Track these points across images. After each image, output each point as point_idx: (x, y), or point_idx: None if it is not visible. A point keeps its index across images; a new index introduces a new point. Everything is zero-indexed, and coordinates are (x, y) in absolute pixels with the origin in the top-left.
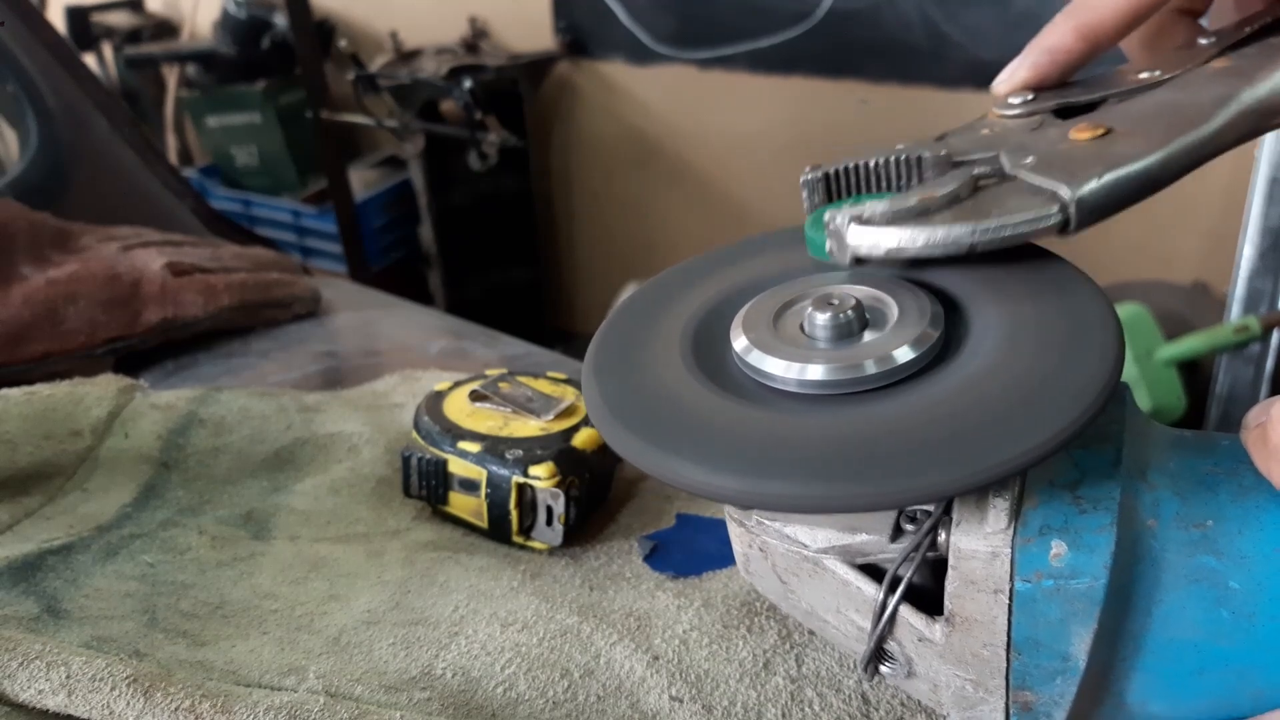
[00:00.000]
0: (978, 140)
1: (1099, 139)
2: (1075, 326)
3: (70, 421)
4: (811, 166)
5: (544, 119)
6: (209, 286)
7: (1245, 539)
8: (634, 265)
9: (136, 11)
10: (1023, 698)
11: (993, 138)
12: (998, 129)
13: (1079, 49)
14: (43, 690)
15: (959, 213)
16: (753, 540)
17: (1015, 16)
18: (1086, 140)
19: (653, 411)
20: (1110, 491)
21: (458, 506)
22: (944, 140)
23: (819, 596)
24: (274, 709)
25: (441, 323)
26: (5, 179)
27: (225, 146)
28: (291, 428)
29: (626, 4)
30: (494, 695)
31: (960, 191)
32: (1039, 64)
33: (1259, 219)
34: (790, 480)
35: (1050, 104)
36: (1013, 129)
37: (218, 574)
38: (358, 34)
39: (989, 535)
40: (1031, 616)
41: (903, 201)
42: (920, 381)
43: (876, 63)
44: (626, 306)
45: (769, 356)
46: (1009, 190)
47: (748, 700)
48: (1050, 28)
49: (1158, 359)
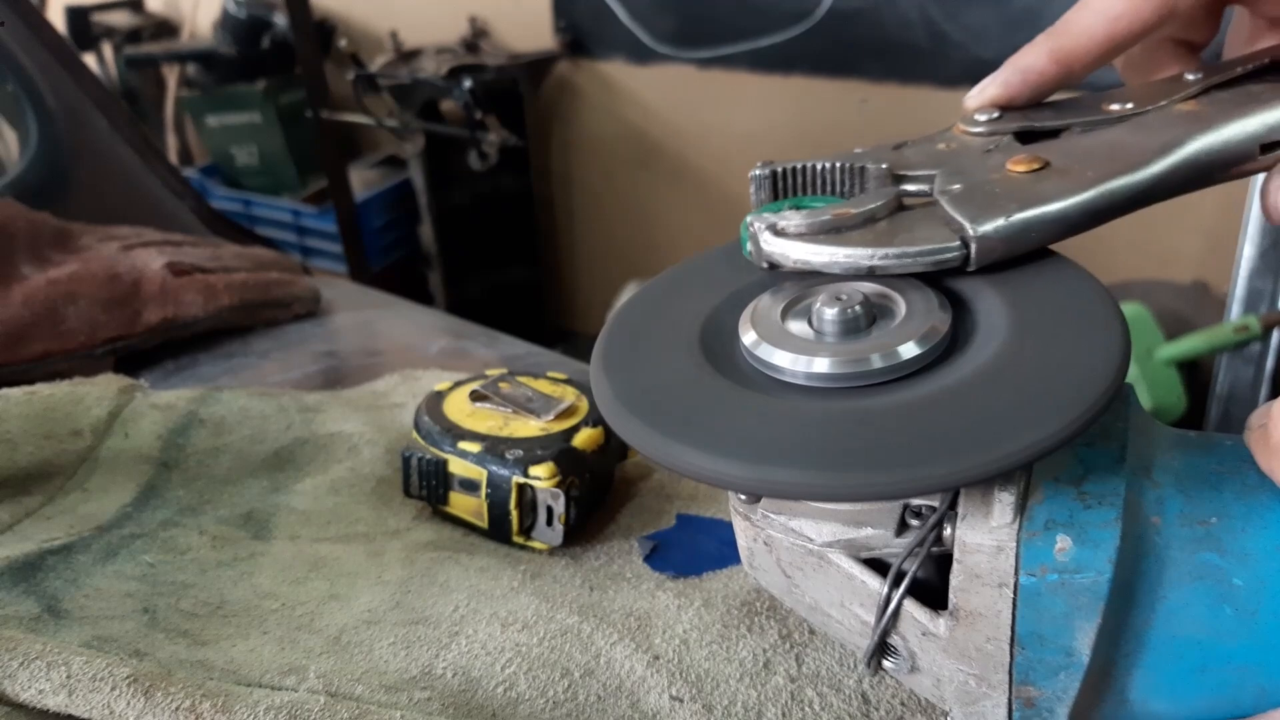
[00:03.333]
0: (930, 154)
1: (1031, 174)
2: (1081, 324)
3: (70, 421)
4: (762, 163)
5: (544, 119)
6: (209, 286)
7: (1249, 536)
8: (634, 265)
9: (136, 11)
10: (1025, 693)
11: (944, 154)
12: (954, 145)
13: (1052, 73)
14: (43, 690)
15: (868, 234)
16: (757, 534)
17: (1015, 16)
18: (1019, 173)
19: (662, 401)
20: (1115, 487)
21: (458, 506)
22: (901, 149)
23: (823, 591)
24: (274, 709)
25: (441, 323)
26: (5, 179)
27: (225, 146)
28: (291, 428)
29: (626, 4)
30: (494, 695)
31: (878, 212)
32: (1010, 83)
33: (1259, 218)
34: (797, 469)
35: (1014, 125)
36: (969, 147)
37: (218, 574)
38: (358, 34)
39: (994, 529)
40: (1036, 611)
41: (818, 215)
42: (927, 376)
43: (876, 62)
44: (634, 301)
45: (778, 350)
46: (923, 217)
47: (748, 700)
48: (1028, 48)
49: (1158, 359)
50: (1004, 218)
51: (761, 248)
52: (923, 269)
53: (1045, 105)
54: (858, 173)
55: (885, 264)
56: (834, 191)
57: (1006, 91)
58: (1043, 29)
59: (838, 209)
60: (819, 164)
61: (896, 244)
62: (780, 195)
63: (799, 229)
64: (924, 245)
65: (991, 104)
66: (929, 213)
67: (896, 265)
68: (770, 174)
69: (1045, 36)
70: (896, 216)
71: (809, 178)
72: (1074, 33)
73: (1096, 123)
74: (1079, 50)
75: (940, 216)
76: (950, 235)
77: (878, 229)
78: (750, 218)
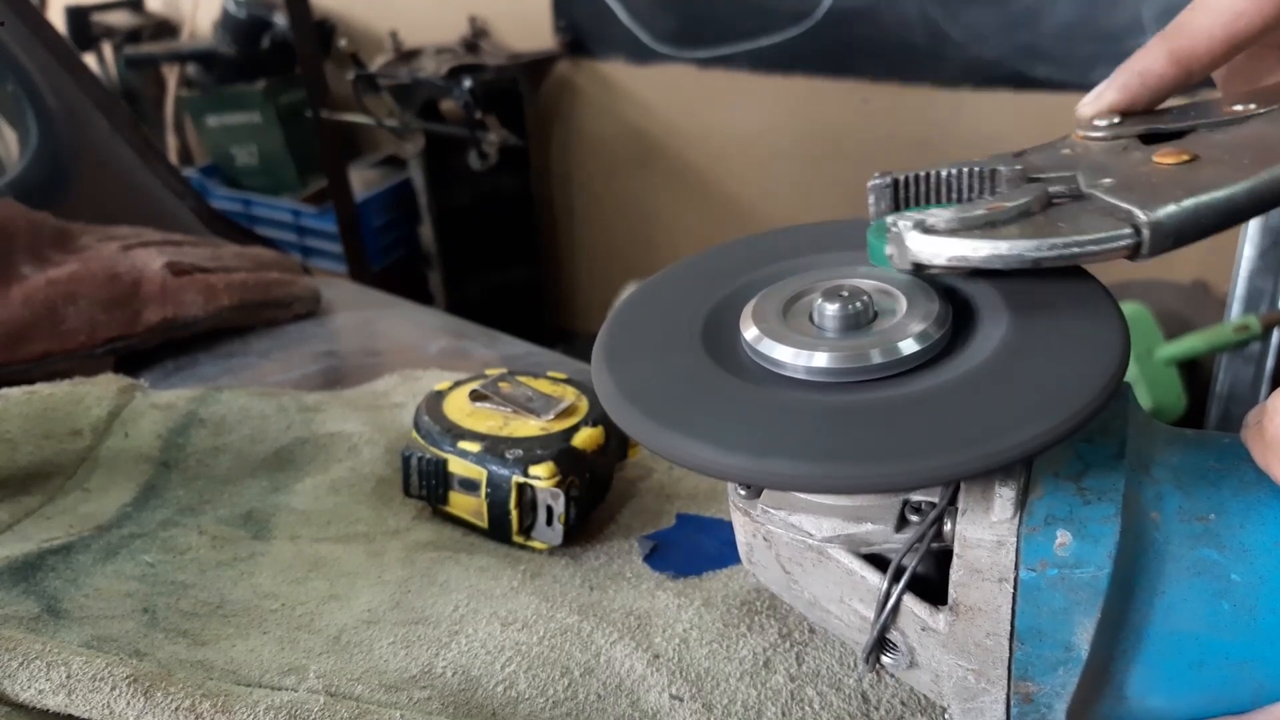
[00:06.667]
0: (1057, 159)
1: (1184, 165)
2: (1081, 321)
3: (70, 421)
4: (880, 173)
5: (544, 119)
6: (209, 286)
7: (1247, 532)
8: (634, 265)
9: (136, 11)
10: (1024, 688)
11: (1073, 158)
12: (1079, 150)
13: (1171, 74)
14: (43, 690)
15: (1027, 227)
16: (757, 529)
17: (1015, 16)
18: (1170, 165)
19: (664, 395)
20: (1114, 483)
21: (458, 506)
22: (1022, 156)
23: (822, 586)
24: (274, 708)
25: (441, 323)
26: (5, 179)
27: (225, 146)
28: (291, 428)
29: (626, 3)
30: (494, 694)
31: (1031, 206)
32: (1129, 86)
33: (1259, 218)
34: (799, 460)
35: (1138, 129)
36: (1095, 150)
37: (218, 574)
38: (358, 33)
39: (994, 524)
40: (1035, 605)
41: (970, 210)
42: (927, 372)
43: (876, 62)
44: (636, 297)
45: (779, 345)
46: (1082, 209)
47: (748, 699)
48: (1143, 51)
49: (1158, 358)
50: (1175, 204)
51: (908, 247)
52: (1092, 260)
53: (1162, 110)
54: (988, 176)
55: (1053, 255)
56: (960, 198)
57: (1126, 95)
58: (1043, 29)
59: (992, 204)
60: (943, 171)
61: (1062, 235)
62: (902, 205)
63: (950, 225)
64: (1094, 234)
65: (1110, 109)
66: (1085, 206)
67: (1064, 257)
68: (891, 183)
69: (1161, 38)
70: (1050, 211)
71: (932, 185)
72: (1192, 33)
73: (1222, 123)
74: (1199, 50)
75: (1100, 208)
76: (1118, 224)
77: (1036, 222)
78: (892, 218)
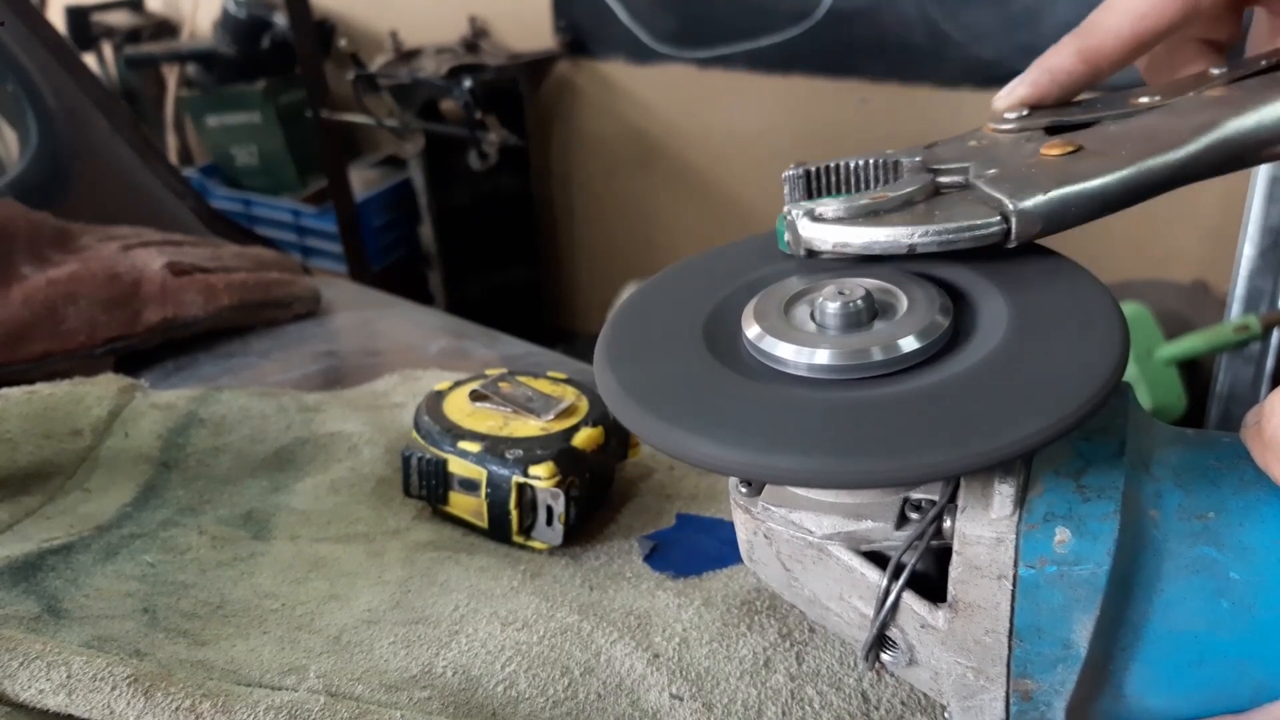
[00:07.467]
0: (962, 150)
1: (1066, 156)
2: (1081, 319)
3: (70, 421)
4: (795, 164)
5: (544, 119)
6: (209, 286)
7: (1247, 531)
8: (634, 265)
9: (136, 11)
10: (1023, 686)
11: (976, 149)
12: (985, 142)
13: (1080, 71)
14: (43, 690)
15: (907, 215)
16: (758, 527)
17: (1015, 16)
18: (1053, 157)
19: (667, 391)
20: (1114, 481)
21: (458, 506)
22: (933, 148)
23: (822, 583)
24: (274, 708)
25: (441, 323)
26: (5, 179)
27: (225, 146)
28: (291, 428)
29: (626, 3)
30: (494, 693)
31: (915, 195)
32: (1039, 83)
33: (1259, 218)
34: (801, 455)
35: (1044, 121)
36: (1001, 143)
37: (218, 574)
38: (358, 33)
39: (994, 521)
40: (1034, 602)
41: (856, 200)
42: (928, 369)
43: (876, 62)
44: (638, 296)
45: (781, 342)
46: (962, 198)
47: (748, 698)
48: (1054, 48)
49: (1158, 358)
50: (1042, 194)
51: (800, 234)
52: (963, 246)
53: (1073, 103)
54: (892, 167)
55: (925, 241)
56: (867, 187)
57: (1035, 91)
58: (1042, 29)
59: (875, 194)
60: (852, 162)
61: (936, 222)
62: (814, 194)
63: (837, 213)
64: (964, 221)
65: (1021, 103)
66: (966, 195)
67: (936, 243)
68: (804, 174)
69: (1072, 36)
70: (934, 200)
71: (843, 176)
72: (1100, 32)
73: (1126, 114)
74: (1106, 48)
75: (978, 198)
76: (990, 212)
77: (916, 211)
78: (788, 207)
